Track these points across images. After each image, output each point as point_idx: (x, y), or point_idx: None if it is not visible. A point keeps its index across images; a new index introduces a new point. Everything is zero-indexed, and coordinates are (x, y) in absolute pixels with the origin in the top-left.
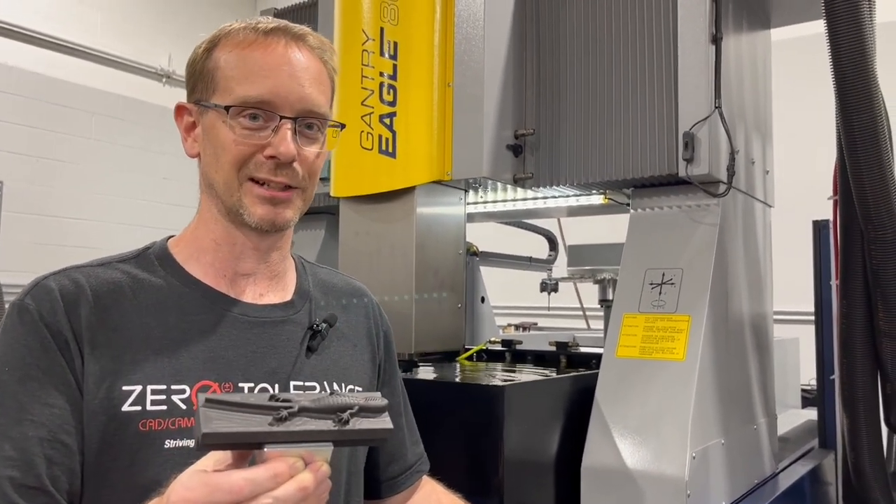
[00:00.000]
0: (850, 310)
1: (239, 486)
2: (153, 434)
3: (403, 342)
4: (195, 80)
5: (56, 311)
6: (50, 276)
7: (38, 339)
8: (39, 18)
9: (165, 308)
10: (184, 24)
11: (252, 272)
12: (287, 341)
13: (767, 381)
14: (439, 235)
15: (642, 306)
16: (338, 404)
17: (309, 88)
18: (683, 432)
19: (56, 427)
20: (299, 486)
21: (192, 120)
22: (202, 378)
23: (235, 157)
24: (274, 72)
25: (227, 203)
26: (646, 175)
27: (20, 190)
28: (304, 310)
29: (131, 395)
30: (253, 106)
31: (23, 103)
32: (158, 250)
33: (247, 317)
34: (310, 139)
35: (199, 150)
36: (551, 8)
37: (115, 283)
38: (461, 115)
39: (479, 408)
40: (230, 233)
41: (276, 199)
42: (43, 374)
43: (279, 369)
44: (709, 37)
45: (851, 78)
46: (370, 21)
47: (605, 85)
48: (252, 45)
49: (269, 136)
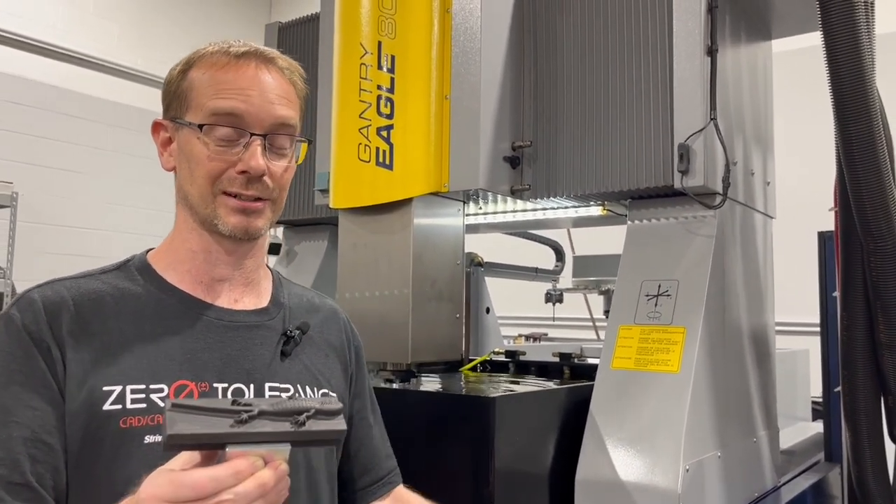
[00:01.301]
0: (850, 322)
1: (202, 482)
2: (133, 430)
3: (400, 352)
4: (171, 99)
5: (38, 321)
6: (34, 289)
7: (21, 346)
8: (57, 32)
9: (144, 314)
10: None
11: (227, 278)
12: (261, 345)
13: (769, 393)
14: (437, 246)
15: (638, 318)
16: (295, 408)
17: (278, 106)
18: (677, 445)
19: (38, 428)
20: (259, 483)
21: (168, 136)
22: (179, 378)
23: (209, 172)
24: (244, 91)
25: (201, 214)
26: (642, 187)
27: (37, 200)
28: (278, 317)
29: (112, 394)
30: (224, 122)
31: (40, 115)
32: (138, 262)
33: (222, 321)
34: (279, 154)
35: (174, 164)
36: (548, 21)
37: (97, 292)
38: (458, 128)
39: (470, 419)
40: (205, 241)
41: (248, 210)
42: (26, 379)
43: (254, 371)
44: (704, 49)
45: (848, 88)
46: (368, 35)
47: (602, 97)
48: (225, 67)
49: (240, 151)
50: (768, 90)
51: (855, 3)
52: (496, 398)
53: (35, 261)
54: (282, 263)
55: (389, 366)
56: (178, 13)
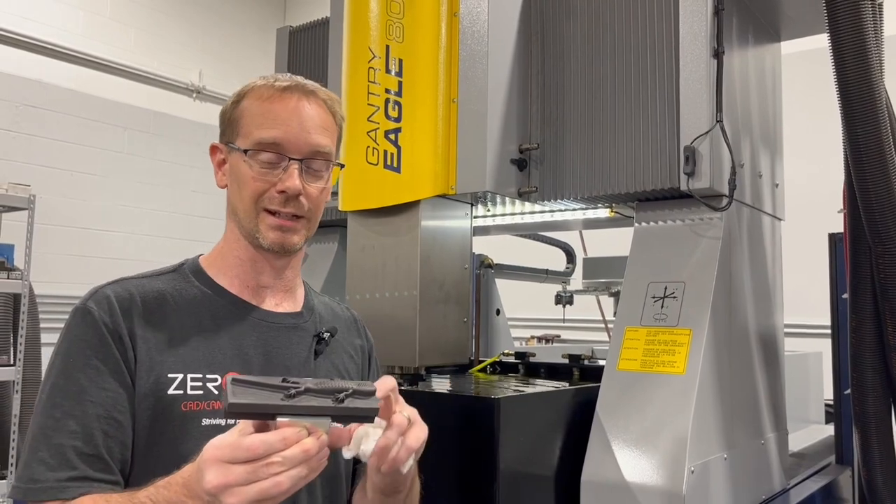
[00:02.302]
0: (859, 324)
1: (255, 445)
2: (192, 413)
3: (408, 355)
4: (225, 125)
5: (113, 314)
6: (107, 286)
7: (98, 336)
8: (73, 36)
9: (200, 312)
10: (214, 40)
11: (270, 285)
12: (297, 345)
13: (777, 395)
14: (445, 248)
15: (644, 319)
16: (336, 387)
17: (315, 135)
18: (682, 446)
19: (111, 406)
20: (303, 449)
21: (223, 157)
22: (230, 370)
23: (253, 191)
24: (286, 121)
25: (246, 227)
26: (648, 189)
27: (55, 203)
28: (311, 320)
29: (175, 381)
30: (266, 148)
31: (57, 119)
32: (192, 266)
33: (265, 321)
34: (315, 177)
35: (226, 182)
36: (555, 24)
37: (160, 291)
38: (466, 131)
39: (475, 420)
40: (252, 254)
41: (284, 227)
42: (101, 364)
43: (292, 368)
44: (710, 51)
45: (855, 90)
46: (376, 39)
47: (608, 100)
48: (271, 98)
49: (280, 174)
50: (777, 92)
51: (861, 5)
52: (500, 399)
53: (52, 262)
54: None
55: (398, 368)
56: (191, 17)
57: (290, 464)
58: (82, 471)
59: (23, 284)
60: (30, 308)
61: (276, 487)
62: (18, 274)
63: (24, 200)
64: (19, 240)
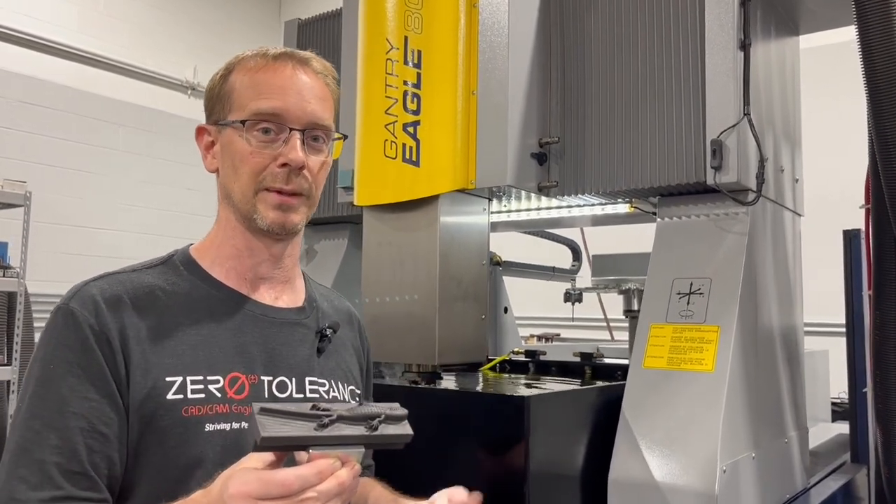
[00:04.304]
0: (883, 321)
1: (290, 480)
2: (194, 419)
3: (426, 353)
4: (213, 104)
5: (99, 315)
6: (91, 283)
7: (81, 340)
8: (68, 32)
9: (195, 307)
10: (209, 37)
11: (268, 276)
12: (300, 342)
13: (798, 393)
14: (463, 245)
15: (670, 316)
16: (368, 413)
17: (314, 104)
18: (713, 445)
19: (95, 419)
20: (339, 482)
21: (211, 139)
22: (232, 370)
23: (253, 168)
24: (283, 90)
25: (242, 210)
26: (673, 183)
27: (50, 200)
28: (312, 315)
29: (174, 385)
30: (265, 118)
31: (52, 115)
32: (182, 257)
33: (266, 316)
34: (315, 150)
35: (217, 165)
36: (576, 15)
37: (149, 286)
38: (485, 124)
39: (504, 419)
40: (248, 240)
41: (285, 205)
42: (84, 372)
43: (296, 366)
44: (737, 43)
45: (884, 82)
46: (394, 30)
47: (631, 92)
48: (263, 69)
49: (280, 146)
50: (796, 86)
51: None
52: (530, 398)
53: (48, 260)
54: (301, 262)
55: (415, 367)
56: (186, 13)
57: (325, 498)
58: (67, 490)
59: (18, 283)
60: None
61: None
62: (14, 272)
63: (20, 197)
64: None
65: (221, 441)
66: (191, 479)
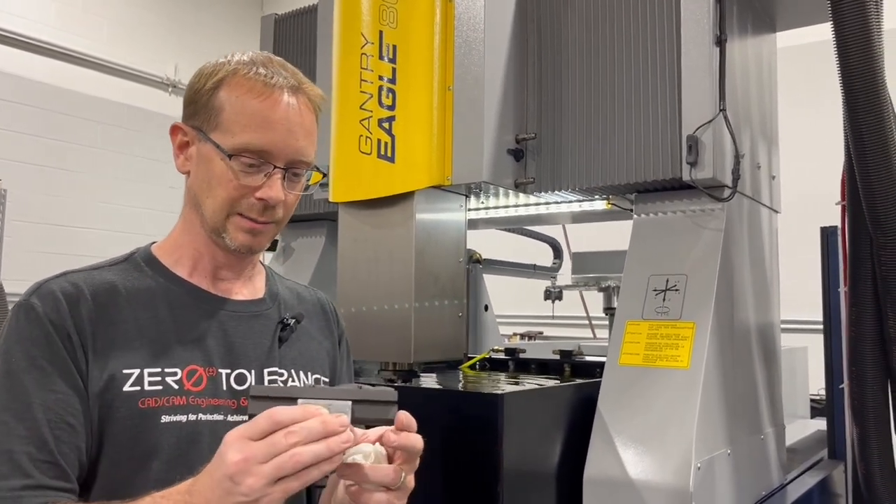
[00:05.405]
0: (859, 317)
1: (277, 414)
2: (151, 410)
3: (402, 351)
4: (197, 108)
5: (59, 310)
6: (51, 280)
7: (43, 334)
8: (45, 28)
9: (155, 303)
10: (190, 34)
11: (229, 274)
12: (260, 333)
13: (775, 390)
14: (439, 242)
15: (646, 313)
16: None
17: (301, 141)
18: (688, 442)
19: (62, 410)
20: (322, 421)
21: (187, 140)
22: (190, 363)
23: (230, 195)
24: (272, 125)
25: (211, 224)
26: (649, 179)
27: (26, 198)
28: (274, 307)
29: (131, 377)
30: (252, 155)
31: (29, 112)
32: (144, 254)
33: (225, 311)
34: (294, 183)
35: (190, 168)
36: (552, 10)
37: (110, 283)
38: (461, 119)
39: (478, 416)
40: (212, 249)
41: (255, 231)
42: (48, 365)
43: (256, 358)
44: (713, 38)
45: (859, 80)
46: (369, 24)
47: (608, 88)
48: (257, 95)
49: (261, 180)
50: (773, 83)
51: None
52: (504, 395)
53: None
54: (278, 260)
55: (391, 365)
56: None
57: (310, 435)
58: (38, 479)
59: None
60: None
61: (293, 459)
62: None
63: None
64: None
65: (177, 432)
66: (147, 470)
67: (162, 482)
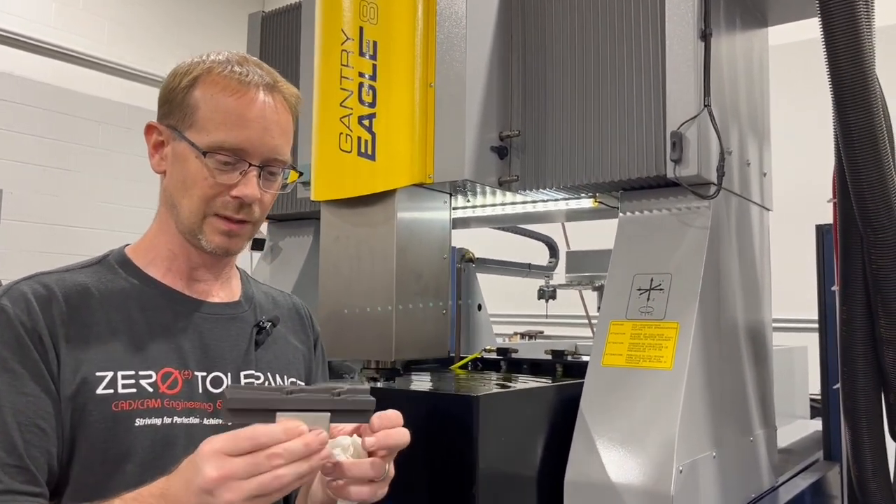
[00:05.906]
0: (850, 316)
1: (258, 433)
2: (124, 413)
3: (384, 350)
4: (172, 107)
5: (31, 312)
6: (21, 282)
7: (14, 336)
8: (45, 28)
9: (129, 305)
10: (190, 33)
11: (204, 276)
12: (236, 336)
13: (766, 390)
14: (422, 240)
15: (630, 313)
16: (330, 387)
17: (277, 139)
18: (670, 445)
19: (32, 413)
20: (304, 442)
21: (162, 139)
22: (165, 366)
23: (205, 193)
24: (247, 122)
25: (187, 225)
26: (633, 176)
27: (27, 198)
28: (250, 310)
29: (104, 380)
30: (227, 153)
31: (30, 113)
32: (118, 256)
33: (200, 313)
34: (270, 182)
35: (165, 168)
36: (536, 6)
37: (82, 285)
38: (443, 117)
39: (453, 417)
40: (187, 250)
41: (232, 232)
42: (19, 367)
43: (231, 361)
44: (697, 33)
45: (847, 75)
46: (349, 20)
47: (592, 84)
48: (232, 93)
49: (236, 178)
50: (764, 78)
51: None
52: (479, 397)
53: (25, 259)
54: (266, 259)
55: (373, 363)
56: (167, 9)
57: (291, 456)
58: (6, 484)
59: None
60: None
61: (276, 481)
62: None
63: None
64: None
65: (152, 435)
66: (121, 473)
67: (136, 486)
